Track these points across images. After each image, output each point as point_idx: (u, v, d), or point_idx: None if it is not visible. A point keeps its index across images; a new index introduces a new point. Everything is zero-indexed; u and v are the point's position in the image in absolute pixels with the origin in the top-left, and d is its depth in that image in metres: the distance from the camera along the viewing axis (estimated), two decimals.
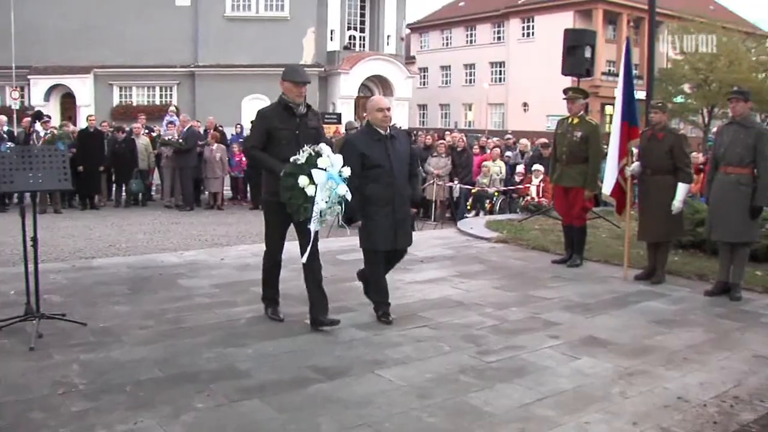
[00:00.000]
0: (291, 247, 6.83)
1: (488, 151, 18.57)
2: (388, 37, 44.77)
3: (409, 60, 53.87)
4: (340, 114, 35.73)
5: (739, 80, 40.60)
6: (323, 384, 5.16)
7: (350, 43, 43.91)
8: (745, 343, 6.55)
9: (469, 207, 16.48)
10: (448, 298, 7.78)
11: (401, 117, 40.90)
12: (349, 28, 44.20)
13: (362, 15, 45.06)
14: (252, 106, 36.06)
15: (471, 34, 64.57)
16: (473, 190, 16.55)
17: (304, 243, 6.34)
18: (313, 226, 6.11)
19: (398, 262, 7.20)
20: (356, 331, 6.43)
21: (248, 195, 19.05)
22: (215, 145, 17.88)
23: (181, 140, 17.40)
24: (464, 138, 19.26)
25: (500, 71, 61.53)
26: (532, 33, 57.98)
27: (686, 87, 48.70)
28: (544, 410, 4.82)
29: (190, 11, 39.21)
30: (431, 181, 16.25)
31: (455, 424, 4.55)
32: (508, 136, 23.60)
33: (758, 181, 8.09)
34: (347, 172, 6.16)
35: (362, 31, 45.04)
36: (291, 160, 6.07)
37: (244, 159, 18.21)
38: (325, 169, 5.99)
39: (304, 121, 6.53)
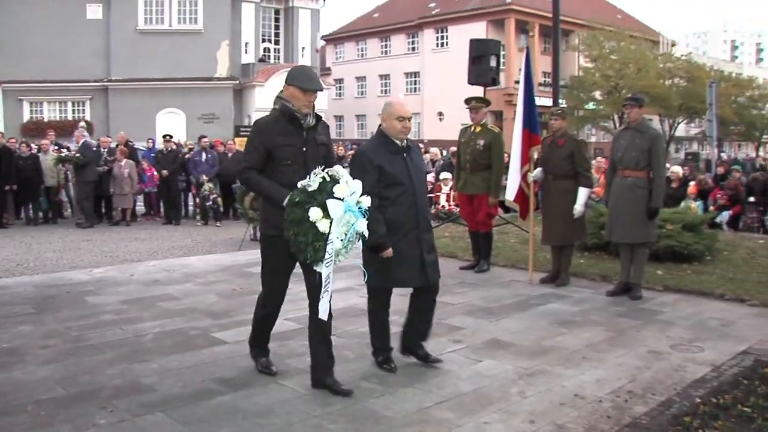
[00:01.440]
0: (200, 262, 6.78)
1: None
2: (303, 48, 44.80)
3: (325, 71, 53.76)
4: None
5: (647, 87, 41.94)
6: (226, 396, 5.19)
7: (265, 56, 43.83)
8: (641, 340, 6.81)
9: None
10: (354, 306, 7.86)
11: None
12: (263, 41, 44.11)
13: (276, 27, 45.02)
14: (166, 120, 35.82)
15: (386, 45, 65.01)
16: None
17: (314, 289, 5.24)
18: (325, 271, 4.92)
19: (434, 300, 6.02)
20: None
21: (161, 210, 18.82)
22: (123, 160, 17.62)
23: (77, 155, 17.09)
24: None
25: (415, 81, 62.06)
26: (446, 43, 58.66)
27: (597, 94, 49.97)
28: (443, 412, 4.93)
29: (101, 25, 38.46)
30: None
31: (355, 430, 4.63)
32: (421, 145, 23.81)
33: (654, 184, 8.40)
34: (367, 202, 4.99)
35: (277, 43, 45.01)
36: (299, 185, 4.92)
37: (155, 174, 18.06)
38: (343, 199, 4.82)
39: (312, 135, 5.32)
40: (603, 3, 66.07)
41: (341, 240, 4.85)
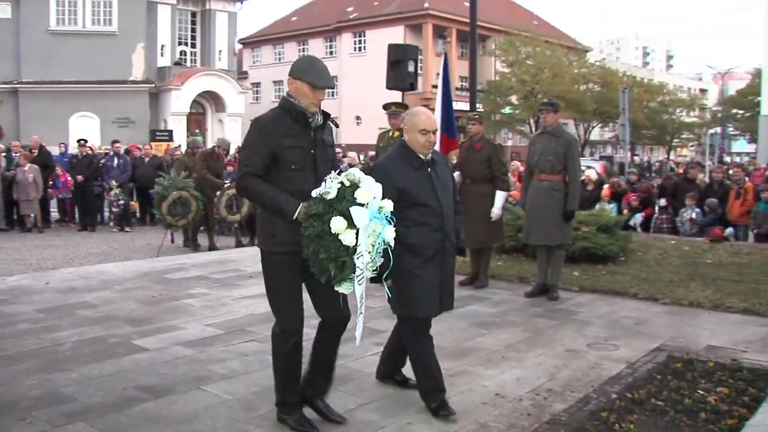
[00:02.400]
0: (118, 269, 6.67)
1: None
2: (220, 52, 44.33)
3: (242, 75, 53.53)
4: (172, 131, 35.10)
5: (562, 92, 42.81)
6: (148, 403, 5.12)
7: (181, 59, 43.20)
8: (559, 340, 6.97)
9: None
10: None
11: (234, 133, 40.55)
12: (180, 43, 43.45)
13: (193, 30, 44.39)
14: (80, 124, 35.05)
15: (303, 49, 64.79)
16: None
17: (332, 311, 4.78)
18: (358, 290, 4.33)
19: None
20: (182, 349, 6.40)
21: (76, 217, 18.43)
22: (27, 165, 17.13)
23: None
24: None
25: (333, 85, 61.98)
26: (364, 47, 58.83)
27: (513, 98, 50.77)
28: (367, 414, 4.98)
29: (10, 24, 37.26)
30: None
31: None
32: (339, 150, 23.82)
33: (569, 187, 8.59)
34: (389, 206, 4.38)
35: (193, 46, 44.39)
36: (314, 194, 4.28)
37: (69, 179, 17.68)
38: (366, 205, 4.23)
39: (320, 136, 4.63)
40: (519, 9, 67.22)
41: (369, 253, 4.24)
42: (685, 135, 64.25)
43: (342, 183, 4.24)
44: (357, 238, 4.16)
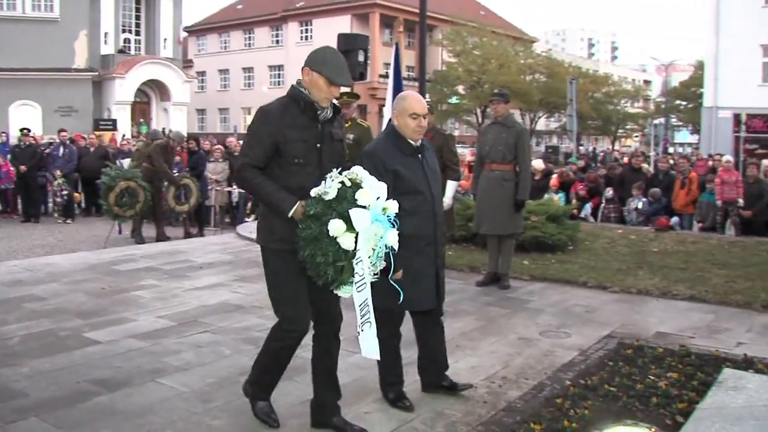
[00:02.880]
0: (65, 261, 6.55)
1: None
2: (165, 40, 43.75)
3: (187, 63, 52.81)
4: (116, 120, 34.61)
5: (509, 82, 43.09)
6: (103, 397, 5.06)
7: (125, 47, 42.51)
8: (511, 328, 7.05)
9: (248, 211, 16.44)
10: (227, 302, 7.81)
11: (180, 123, 40.12)
12: (123, 31, 42.74)
13: (137, 17, 43.70)
14: (21, 113, 34.29)
15: (249, 38, 64.41)
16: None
17: (331, 315, 4.48)
18: (358, 297, 4.04)
19: (441, 316, 5.40)
20: (135, 341, 6.33)
21: (19, 208, 18.08)
22: None
23: None
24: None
25: (279, 74, 61.72)
26: (311, 36, 58.56)
27: (460, 88, 50.98)
28: None
29: None
30: (210, 187, 16.08)
31: (239, 424, 4.62)
32: None
33: (520, 177, 8.66)
34: (394, 208, 4.14)
35: (138, 33, 43.72)
36: (313, 194, 4.07)
37: (11, 169, 17.34)
38: (367, 207, 4.00)
39: (328, 130, 4.36)
40: None
41: (369, 257, 4.01)
42: (630, 125, 65.17)
43: (342, 183, 4.02)
44: (356, 242, 3.94)
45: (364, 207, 3.97)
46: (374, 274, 4.09)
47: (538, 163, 16.71)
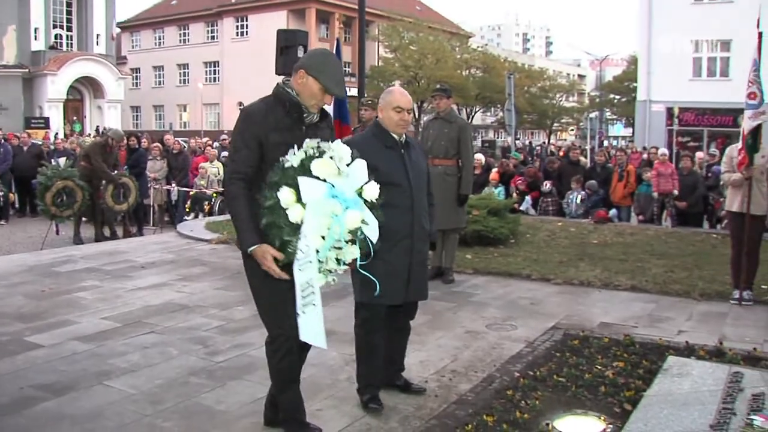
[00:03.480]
0: (1, 263, 6.37)
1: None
2: (98, 36, 43.02)
3: (121, 60, 52.16)
4: (48, 118, 33.94)
5: (445, 77, 43.29)
6: (49, 402, 4.94)
7: (57, 43, 41.68)
8: (458, 321, 7.09)
9: (187, 209, 16.28)
10: (171, 302, 7.70)
11: (114, 120, 39.50)
12: (54, 27, 41.88)
13: (69, 13, 42.85)
14: None
15: (184, 33, 63.69)
16: (191, 192, 16.36)
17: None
18: (299, 277, 3.76)
19: (411, 319, 5.27)
20: (79, 344, 6.20)
21: None
22: None
23: None
24: (179, 140, 19.01)
25: (215, 71, 61.22)
26: (246, 32, 58.19)
27: (397, 83, 51.04)
28: None
29: None
30: (149, 185, 15.87)
31: (190, 426, 4.56)
32: (224, 136, 23.51)
33: (463, 172, 8.71)
34: (372, 192, 3.95)
35: (69, 29, 42.87)
36: (279, 160, 3.84)
37: None
38: (325, 180, 3.74)
39: (313, 133, 4.06)
40: None
41: (323, 238, 3.71)
42: (565, 119, 66.13)
43: (306, 153, 3.77)
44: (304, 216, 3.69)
45: (321, 179, 3.71)
46: (337, 262, 3.83)
47: (479, 158, 16.83)
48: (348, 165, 3.85)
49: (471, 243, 10.70)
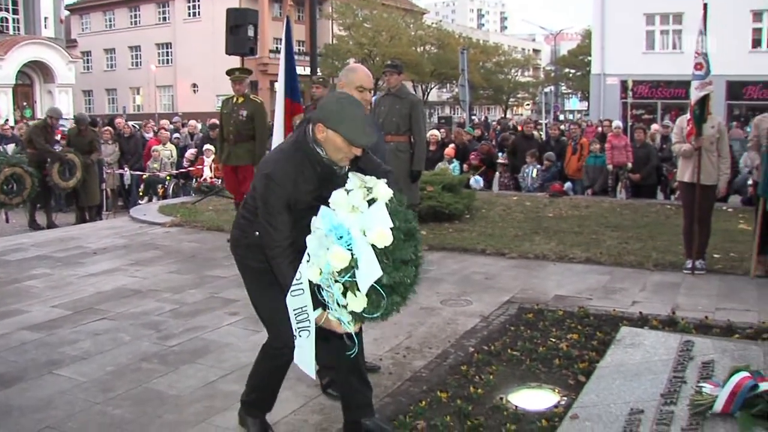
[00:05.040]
0: None
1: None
2: (46, 19, 42.09)
3: (71, 43, 51.28)
4: None
5: (400, 54, 43.24)
6: None
7: (2, 26, 40.77)
8: (413, 298, 6.99)
9: (141, 193, 16.10)
10: (124, 287, 7.60)
11: (65, 105, 38.86)
12: (0, 9, 40.96)
13: None
14: None
15: (135, 15, 62.65)
16: (144, 176, 16.17)
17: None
18: (290, 301, 3.57)
19: None
20: (28, 334, 6.09)
21: None
22: None
23: None
24: (130, 124, 18.75)
25: (167, 52, 60.38)
26: (198, 12, 57.33)
27: (351, 61, 50.82)
28: (229, 385, 4.92)
29: None
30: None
31: (142, 412, 4.51)
32: (177, 118, 23.27)
33: (415, 148, 8.68)
34: (380, 238, 3.36)
35: (15, 12, 41.83)
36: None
37: None
38: (333, 210, 3.47)
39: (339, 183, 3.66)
40: None
41: (318, 268, 3.44)
42: (521, 94, 66.40)
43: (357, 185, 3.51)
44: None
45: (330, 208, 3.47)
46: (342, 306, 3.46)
47: (435, 134, 16.81)
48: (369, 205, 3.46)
49: (426, 219, 10.66)
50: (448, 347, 5.62)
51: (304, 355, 3.67)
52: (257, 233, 3.77)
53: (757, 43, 31.47)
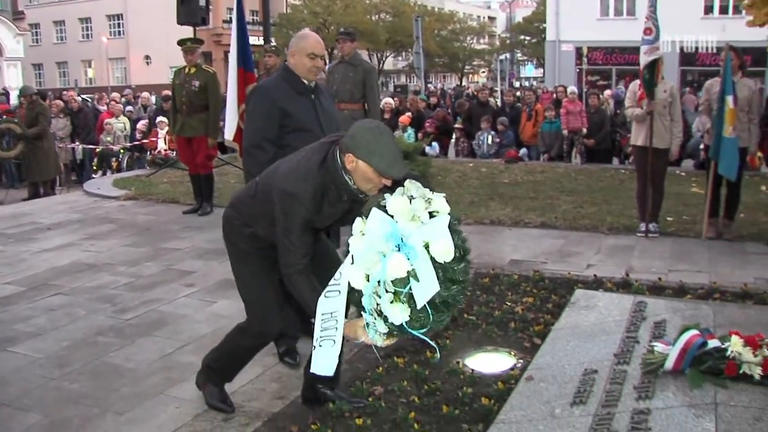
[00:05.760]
0: None
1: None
2: None
3: (18, 15, 50.11)
4: None
5: (355, 22, 43.01)
6: None
7: None
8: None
9: (95, 167, 15.91)
10: (78, 262, 7.51)
11: (15, 79, 38.15)
12: None
13: None
14: None
15: None
16: (97, 150, 15.97)
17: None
18: (323, 303, 3.31)
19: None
20: None
21: None
22: None
23: None
24: (77, 97, 18.45)
25: (119, 24, 59.43)
26: None
27: (306, 30, 50.48)
28: (186, 356, 4.92)
29: None
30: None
31: (98, 386, 4.50)
32: (128, 90, 22.96)
33: (369, 116, 8.68)
34: (442, 252, 3.09)
35: None
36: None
37: None
38: (392, 217, 3.16)
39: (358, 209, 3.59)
40: None
41: (365, 273, 3.15)
42: (477, 62, 66.39)
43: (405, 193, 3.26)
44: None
45: (389, 214, 3.16)
46: (383, 318, 3.14)
47: (389, 101, 16.78)
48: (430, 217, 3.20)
49: None
50: None
51: (325, 362, 3.34)
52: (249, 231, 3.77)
53: (709, 9, 31.80)
